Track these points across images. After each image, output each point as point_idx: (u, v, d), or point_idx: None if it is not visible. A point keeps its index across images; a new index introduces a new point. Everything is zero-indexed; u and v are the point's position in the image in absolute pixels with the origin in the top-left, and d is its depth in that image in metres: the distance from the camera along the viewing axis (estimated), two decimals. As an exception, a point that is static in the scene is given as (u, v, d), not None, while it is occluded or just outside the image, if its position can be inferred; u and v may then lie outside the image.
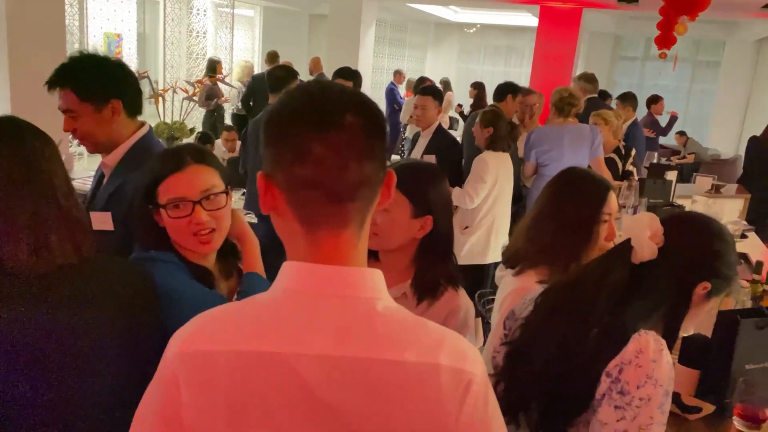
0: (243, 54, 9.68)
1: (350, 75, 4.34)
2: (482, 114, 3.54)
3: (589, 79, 5.44)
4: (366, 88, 8.91)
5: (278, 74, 3.65)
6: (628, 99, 5.80)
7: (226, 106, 7.45)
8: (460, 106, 9.24)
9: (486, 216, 3.49)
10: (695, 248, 1.20)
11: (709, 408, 1.62)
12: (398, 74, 9.74)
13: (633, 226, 1.18)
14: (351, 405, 0.72)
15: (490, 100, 6.89)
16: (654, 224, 1.17)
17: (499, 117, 3.43)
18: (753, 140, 6.11)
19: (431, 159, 3.55)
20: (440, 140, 3.79)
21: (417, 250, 1.48)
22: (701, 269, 1.19)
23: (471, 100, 7.84)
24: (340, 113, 0.73)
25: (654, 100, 7.56)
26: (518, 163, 4.08)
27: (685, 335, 1.75)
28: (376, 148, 0.76)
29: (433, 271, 1.46)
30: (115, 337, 1.11)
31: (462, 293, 1.51)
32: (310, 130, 0.72)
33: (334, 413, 0.71)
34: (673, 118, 7.65)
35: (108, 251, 1.23)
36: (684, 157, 9.01)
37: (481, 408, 0.75)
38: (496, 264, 3.18)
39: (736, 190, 5.24)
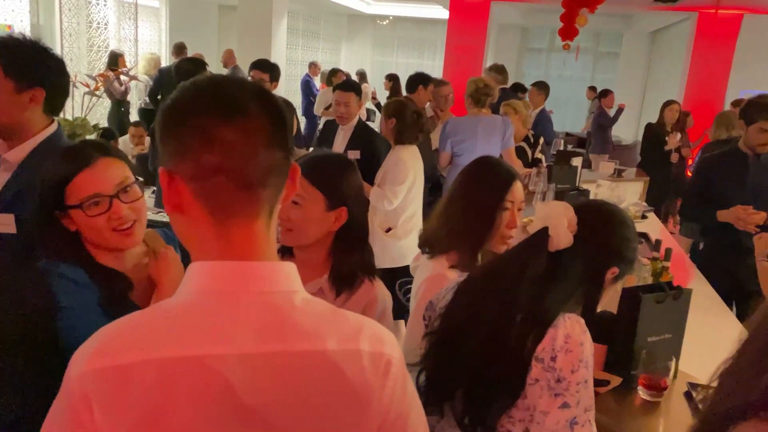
0: (149, 46, 9.26)
1: (267, 67, 4.24)
2: (385, 106, 3.47)
3: (499, 70, 5.61)
4: (281, 80, 8.76)
5: (186, 67, 3.52)
6: (543, 87, 6.06)
7: (133, 100, 7.12)
8: (375, 98, 9.29)
9: (412, 216, 3.43)
10: (606, 236, 1.26)
11: (617, 380, 1.71)
12: (313, 66, 9.66)
13: (549, 216, 1.22)
14: (276, 401, 0.71)
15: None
16: (569, 213, 1.22)
17: (403, 107, 3.34)
18: (648, 126, 6.54)
19: (356, 155, 3.53)
20: (363, 135, 3.77)
21: (332, 243, 1.48)
22: (611, 255, 1.26)
23: (387, 92, 7.90)
24: (245, 102, 0.74)
25: (604, 94, 7.96)
26: (431, 153, 4.16)
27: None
28: (281, 137, 0.76)
29: (350, 263, 1.47)
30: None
31: (378, 284, 1.52)
32: (217, 116, 0.72)
33: (260, 412, 0.70)
34: (620, 110, 8.08)
35: (8, 256, 1.15)
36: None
37: (400, 389, 0.77)
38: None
39: (636, 173, 5.58)
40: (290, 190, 0.80)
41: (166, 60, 8.72)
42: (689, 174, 5.95)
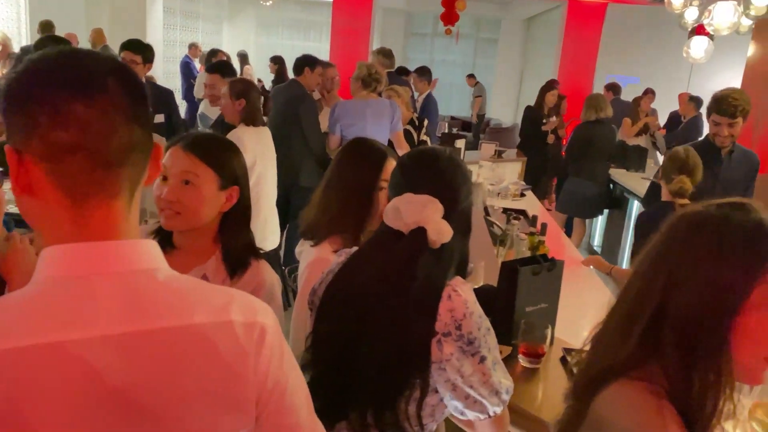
0: (4, 24, 8.41)
1: (139, 48, 3.96)
2: (231, 84, 3.21)
3: (386, 54, 5.64)
4: (158, 62, 8.30)
5: (47, 45, 3.22)
6: (424, 73, 6.13)
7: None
8: (260, 81, 9.05)
9: (256, 200, 3.06)
10: (457, 186, 1.25)
11: (507, 350, 1.78)
12: (194, 47, 9.23)
13: (422, 217, 1.17)
14: (145, 382, 0.68)
15: (291, 75, 6.81)
16: (436, 204, 1.19)
17: (251, 87, 3.17)
18: (527, 109, 6.88)
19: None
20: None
21: (220, 225, 1.44)
22: (465, 200, 1.26)
23: (272, 75, 7.72)
24: (102, 76, 0.69)
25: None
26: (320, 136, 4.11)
27: (476, 287, 1.91)
28: (141, 114, 0.73)
29: (241, 243, 1.44)
30: None
31: (265, 266, 1.49)
32: (71, 91, 0.67)
33: (128, 395, 0.67)
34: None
35: None
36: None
37: (277, 357, 0.76)
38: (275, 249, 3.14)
39: (515, 154, 5.86)
40: (154, 171, 0.78)
41: (28, 39, 7.97)
42: (564, 154, 6.33)
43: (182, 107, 7.92)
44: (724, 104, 2.93)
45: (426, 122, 4.86)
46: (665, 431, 0.82)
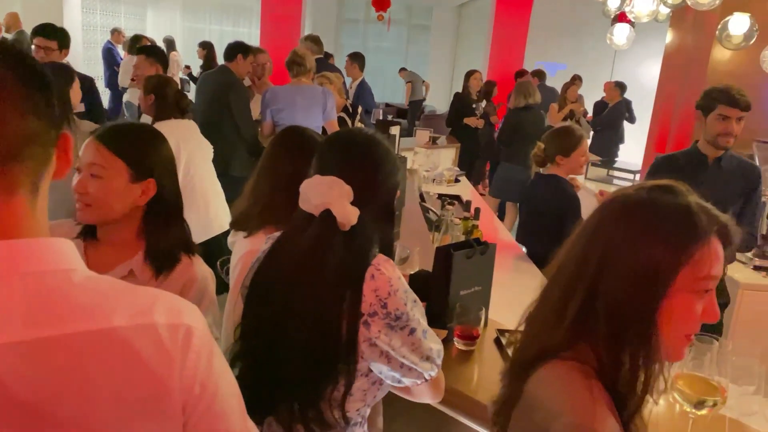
0: None
1: (54, 33, 3.73)
2: (146, 80, 3.14)
3: (314, 40, 5.57)
4: (77, 48, 7.87)
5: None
6: (357, 58, 6.09)
7: None
8: (188, 67, 8.75)
9: (192, 190, 3.07)
10: (376, 168, 1.22)
11: (443, 333, 1.79)
12: (116, 33, 8.82)
13: (326, 199, 1.15)
14: (59, 392, 0.63)
15: (221, 61, 6.62)
16: (343, 187, 1.16)
17: (165, 83, 3.09)
18: (456, 96, 6.97)
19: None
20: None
21: (143, 219, 1.38)
22: (388, 182, 1.24)
23: (200, 61, 7.47)
24: None
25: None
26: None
27: (411, 272, 1.92)
28: (40, 102, 0.67)
29: (167, 240, 1.38)
30: None
31: (198, 261, 1.44)
32: None
33: (40, 406, 0.62)
34: None
35: None
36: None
37: (205, 360, 0.72)
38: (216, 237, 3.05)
39: (448, 140, 5.93)
40: (64, 163, 0.72)
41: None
42: (496, 139, 6.45)
43: (106, 96, 7.57)
44: (735, 94, 2.49)
45: (360, 109, 4.84)
46: (594, 409, 0.84)
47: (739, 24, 3.35)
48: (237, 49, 4.30)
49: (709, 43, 3.65)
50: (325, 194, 1.16)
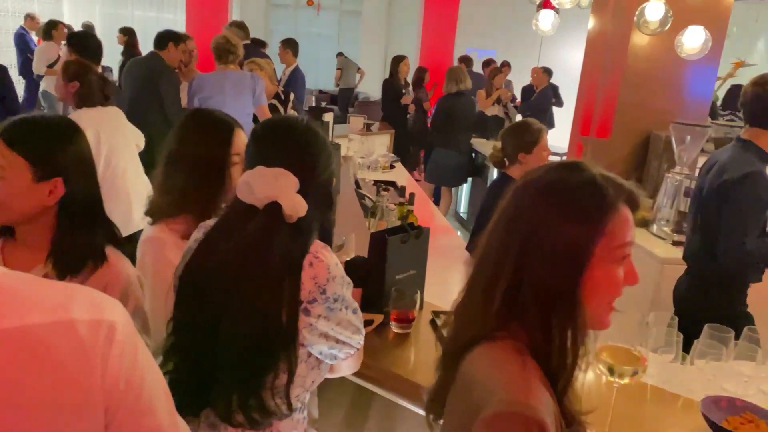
0: None
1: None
2: (65, 66, 2.99)
3: (240, 26, 5.45)
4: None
5: None
6: (290, 45, 5.98)
7: None
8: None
9: (113, 182, 2.95)
10: (313, 154, 1.21)
11: (379, 318, 1.81)
12: (30, 19, 8.32)
13: (275, 191, 1.13)
14: None
15: (143, 48, 6.39)
16: (290, 178, 1.15)
17: (87, 70, 2.96)
18: (385, 82, 6.99)
19: None
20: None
21: (56, 220, 1.30)
22: (324, 168, 1.23)
23: (121, 48, 7.16)
24: None
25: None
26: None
27: (347, 259, 1.92)
28: None
29: (74, 242, 1.30)
30: None
31: (121, 261, 1.37)
32: None
33: None
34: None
35: None
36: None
37: (129, 356, 0.69)
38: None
39: (381, 127, 5.94)
40: None
41: None
42: (429, 126, 6.52)
43: (21, 85, 7.15)
44: None
45: (292, 96, 4.77)
46: (528, 384, 0.86)
47: (654, 10, 3.50)
48: (168, 37, 4.16)
49: (629, 29, 3.80)
50: (273, 186, 1.13)
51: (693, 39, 3.62)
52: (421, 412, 1.62)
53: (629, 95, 3.95)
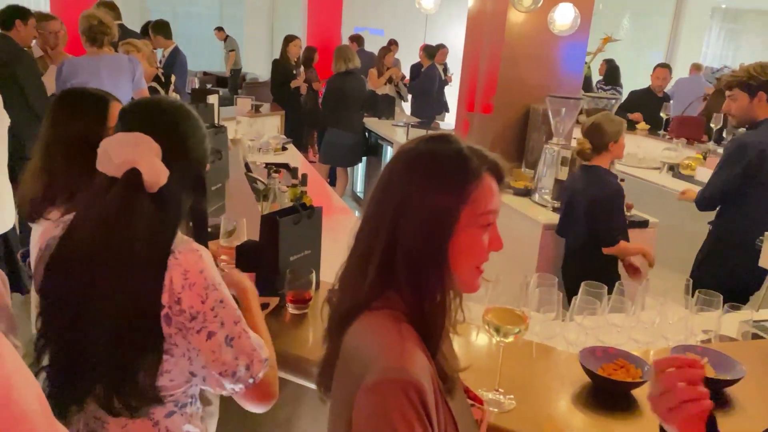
0: None
1: None
2: None
3: (109, 6, 5.10)
4: None
5: None
6: (159, 30, 5.65)
7: None
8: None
9: None
10: (182, 134, 1.17)
11: (275, 301, 1.79)
12: None
13: (135, 156, 1.06)
14: None
15: None
16: (152, 144, 1.09)
17: None
18: (274, 63, 6.87)
19: None
20: None
21: None
22: (196, 151, 1.20)
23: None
24: None
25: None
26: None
27: (238, 244, 1.88)
28: None
29: None
30: None
31: None
32: None
33: None
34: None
35: None
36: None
37: None
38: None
39: (271, 108, 5.83)
40: None
41: None
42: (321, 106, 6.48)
43: None
44: None
45: (174, 78, 4.57)
46: (403, 349, 0.91)
47: (528, -11, 3.69)
48: (13, 15, 3.77)
49: (505, 7, 3.96)
50: (131, 151, 1.06)
51: (563, 16, 3.85)
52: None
53: (508, 71, 4.14)
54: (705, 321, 2.00)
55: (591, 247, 3.01)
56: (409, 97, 7.90)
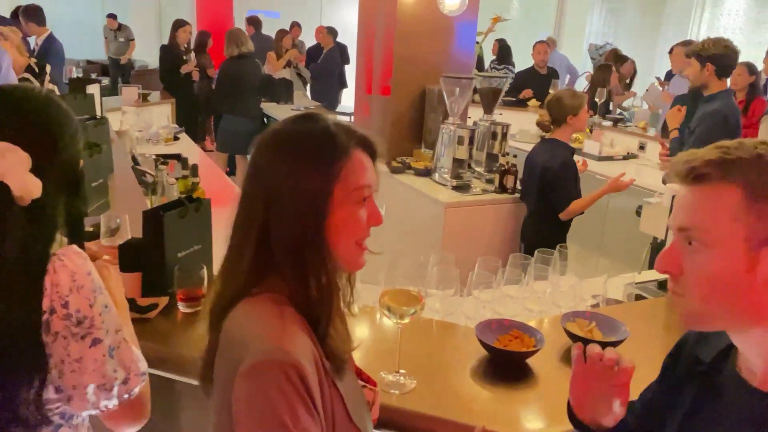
0: None
1: None
2: None
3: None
4: None
5: None
6: (29, 15, 5.20)
7: None
8: None
9: None
10: (48, 128, 1.07)
11: (164, 301, 1.70)
12: None
13: (0, 170, 0.97)
14: None
15: None
16: (20, 154, 0.99)
17: None
18: (162, 49, 6.56)
19: None
20: None
21: None
22: (64, 147, 1.09)
23: None
24: None
25: None
26: None
27: (121, 243, 1.76)
28: None
29: None
30: None
31: None
32: None
33: None
34: None
35: None
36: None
37: None
38: None
39: (161, 96, 5.54)
40: None
41: None
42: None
43: None
44: None
45: (49, 68, 4.22)
46: (282, 330, 0.89)
47: (416, -31, 3.70)
48: None
49: (396, -12, 3.95)
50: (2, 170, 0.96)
51: (452, -4, 3.89)
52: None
53: (403, 52, 4.14)
54: (594, 287, 2.11)
55: (544, 212, 3.27)
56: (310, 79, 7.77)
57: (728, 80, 3.48)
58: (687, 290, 0.84)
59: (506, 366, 1.55)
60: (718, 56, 3.34)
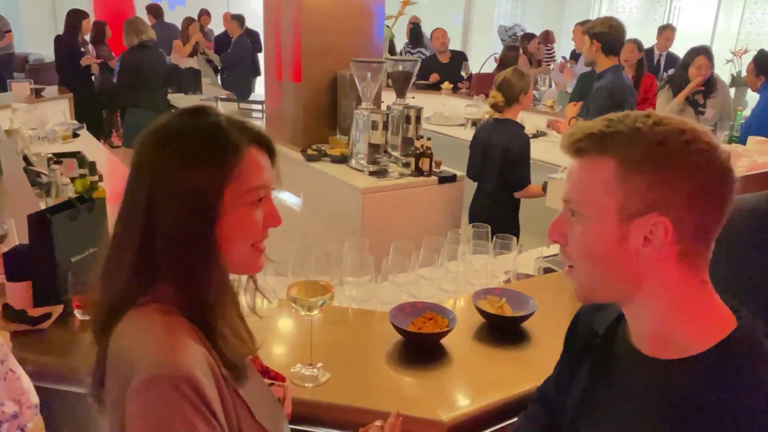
0: None
1: None
2: None
3: None
4: None
5: None
6: None
7: None
8: None
9: None
10: None
11: (58, 309, 1.59)
12: None
13: None
14: None
15: None
16: None
17: None
18: (57, 39, 6.17)
19: None
20: None
21: None
22: None
23: None
24: None
25: None
26: None
27: (6, 251, 1.64)
28: None
29: None
30: None
31: None
32: None
33: None
34: None
35: None
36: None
37: None
38: None
39: (58, 91, 5.21)
40: None
41: None
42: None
43: None
44: None
45: None
46: (173, 343, 0.83)
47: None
48: None
49: (299, -29, 3.86)
50: None
51: (358, -21, 3.85)
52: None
53: (311, 38, 4.06)
54: (507, 263, 2.16)
55: (502, 191, 3.37)
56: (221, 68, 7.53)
57: (618, 58, 3.64)
58: (574, 261, 0.86)
59: (421, 348, 1.55)
60: (603, 34, 3.50)
